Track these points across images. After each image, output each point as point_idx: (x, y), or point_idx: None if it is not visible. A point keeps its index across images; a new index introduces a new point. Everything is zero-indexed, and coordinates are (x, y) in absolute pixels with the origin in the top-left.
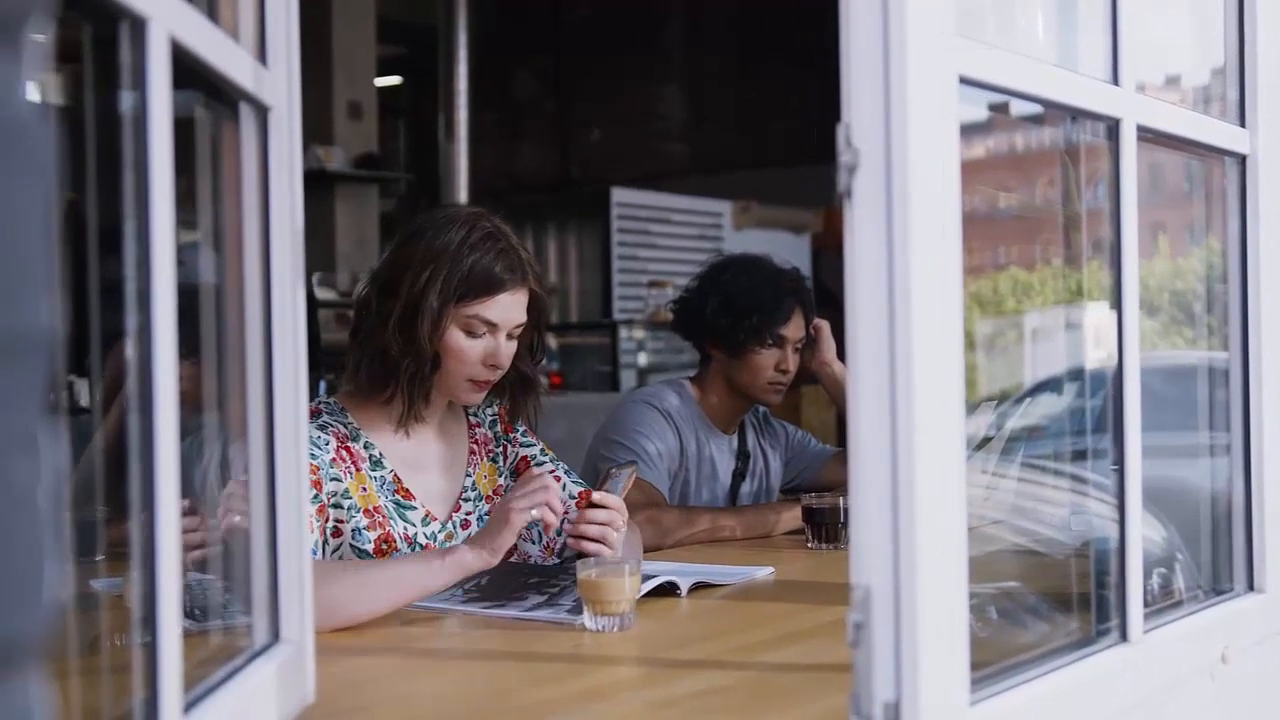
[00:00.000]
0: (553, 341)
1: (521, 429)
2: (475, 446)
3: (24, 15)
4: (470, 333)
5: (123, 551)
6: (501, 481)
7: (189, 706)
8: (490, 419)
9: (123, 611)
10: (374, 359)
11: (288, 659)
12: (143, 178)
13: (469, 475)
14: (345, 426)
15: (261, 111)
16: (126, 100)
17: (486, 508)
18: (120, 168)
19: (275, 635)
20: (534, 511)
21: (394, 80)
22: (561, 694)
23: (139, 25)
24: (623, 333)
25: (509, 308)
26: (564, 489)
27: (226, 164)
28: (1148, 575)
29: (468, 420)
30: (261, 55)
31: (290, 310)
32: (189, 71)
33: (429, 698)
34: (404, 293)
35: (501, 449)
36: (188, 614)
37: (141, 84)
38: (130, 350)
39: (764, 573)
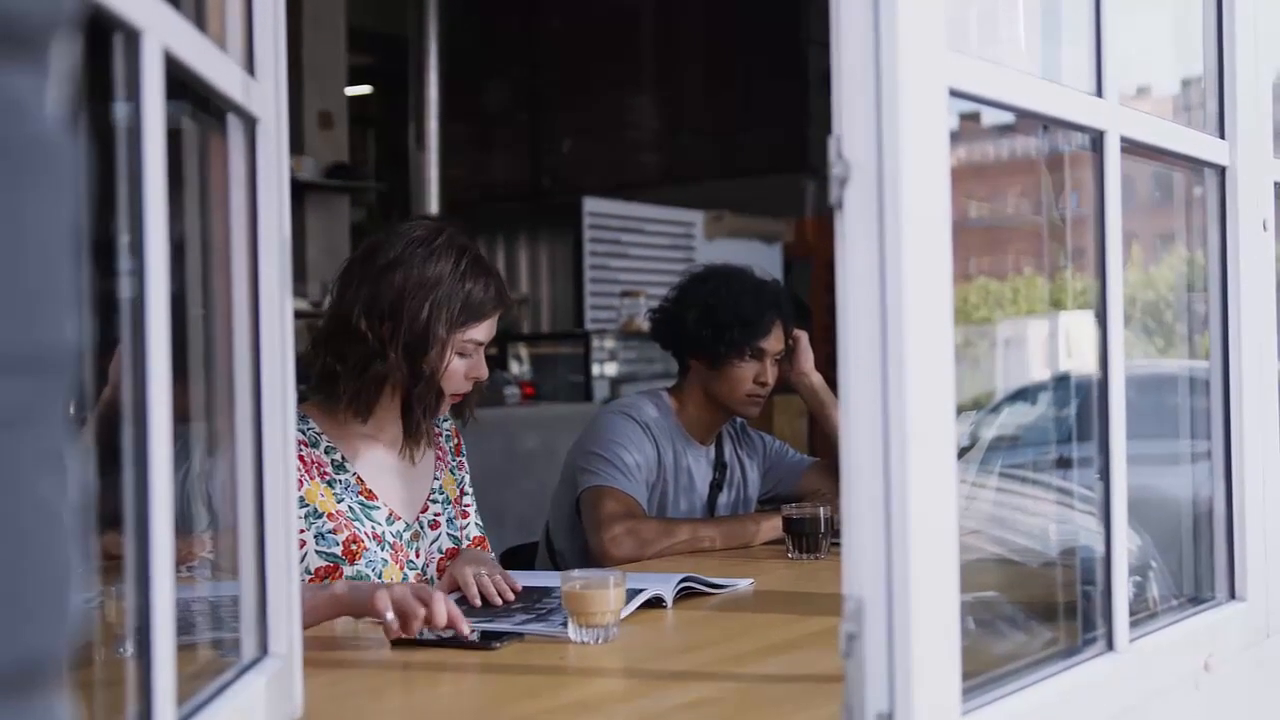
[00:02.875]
0: (524, 352)
1: (463, 455)
2: (440, 453)
3: (49, 31)
4: (462, 354)
5: (106, 565)
6: (457, 490)
7: None
8: (446, 433)
9: (104, 625)
10: (374, 385)
11: (276, 673)
12: (136, 188)
13: (436, 478)
14: (304, 433)
15: (250, 123)
16: (119, 111)
17: (453, 511)
18: (111, 178)
19: (264, 649)
20: (389, 616)
21: (365, 89)
22: (550, 707)
23: (133, 37)
24: (595, 343)
25: (493, 326)
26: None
27: (213, 174)
28: None
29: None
30: (250, 67)
31: (278, 322)
32: (177, 82)
33: (416, 711)
34: (405, 325)
35: (456, 463)
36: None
37: (135, 95)
38: (123, 362)
39: (745, 584)
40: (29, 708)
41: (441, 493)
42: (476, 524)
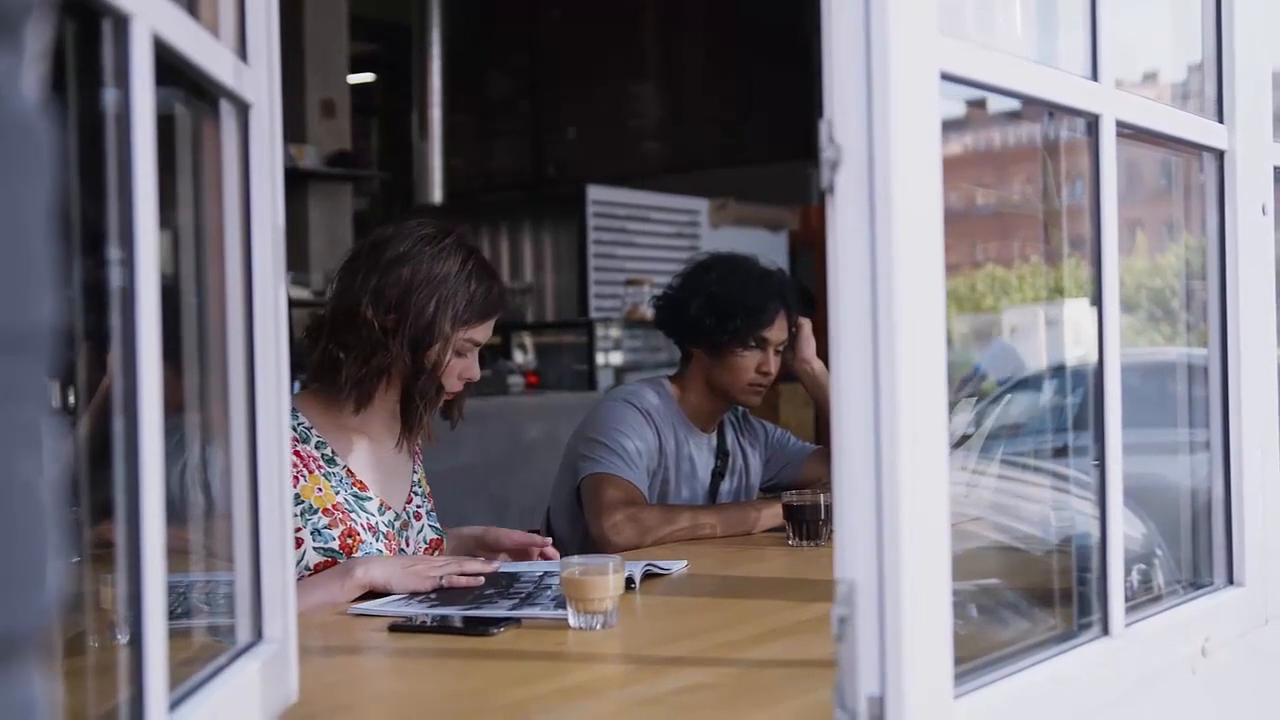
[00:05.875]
0: (528, 340)
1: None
2: (417, 450)
3: (24, 12)
4: (459, 353)
5: (100, 553)
6: (428, 486)
7: (174, 705)
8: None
9: (101, 612)
10: (375, 375)
11: (271, 658)
12: (126, 175)
13: (416, 472)
14: (294, 429)
15: (242, 109)
16: (108, 97)
17: (430, 505)
18: (101, 165)
19: (258, 634)
20: (443, 581)
21: (367, 77)
22: (546, 691)
23: (122, 22)
24: (599, 331)
25: (490, 329)
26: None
27: (206, 161)
28: (1128, 571)
29: None
30: (242, 52)
31: (272, 309)
32: (169, 68)
33: (412, 697)
34: (411, 318)
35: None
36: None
37: (124, 81)
38: (113, 351)
39: (679, 566)
40: (3, 682)
41: (420, 486)
42: (433, 526)
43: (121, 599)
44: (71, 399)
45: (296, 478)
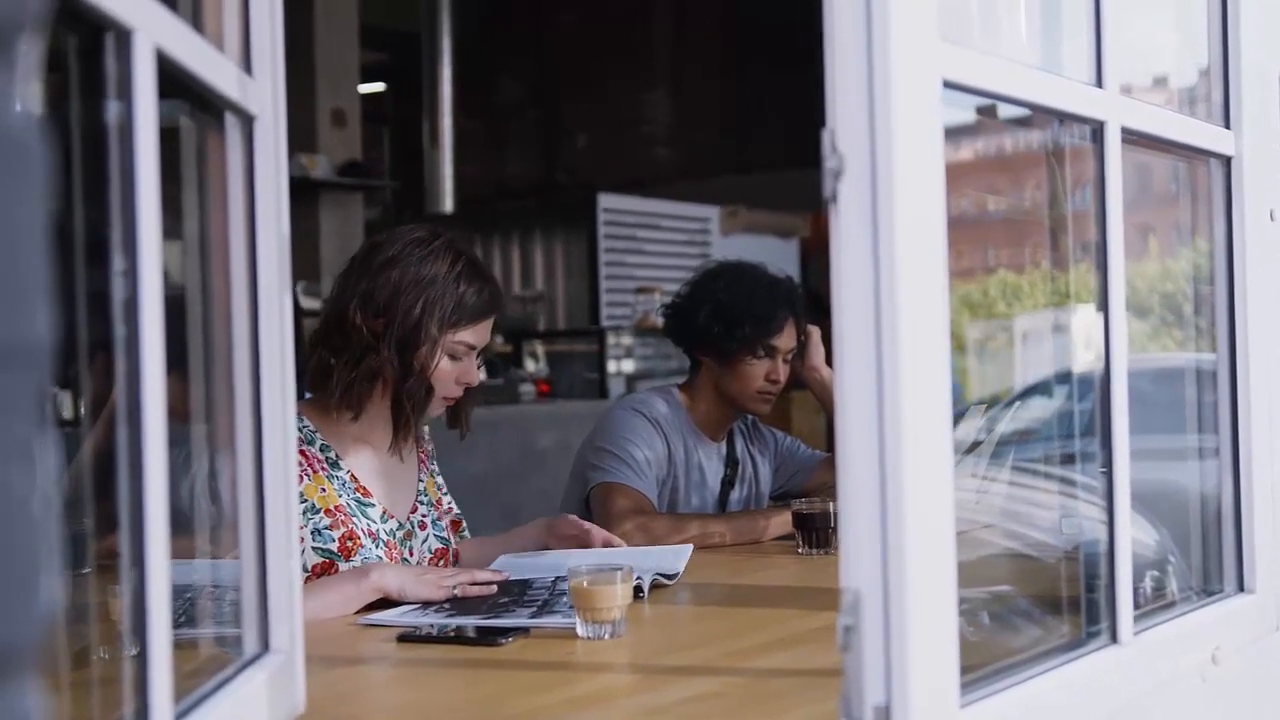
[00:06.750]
0: (540, 349)
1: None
2: (423, 457)
3: (18, 27)
4: (453, 356)
5: (109, 565)
6: (438, 493)
7: (179, 716)
8: (426, 436)
9: (110, 624)
10: (365, 379)
11: (278, 669)
12: (129, 187)
13: (420, 481)
14: (300, 431)
15: (247, 121)
16: (111, 110)
17: (436, 514)
18: (105, 177)
19: (265, 645)
20: (456, 590)
21: (378, 87)
22: (554, 701)
23: (124, 36)
24: (610, 339)
25: (488, 331)
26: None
27: (211, 173)
28: (1140, 578)
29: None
30: (246, 65)
31: (277, 320)
32: (173, 81)
33: (420, 707)
34: (399, 320)
35: (434, 469)
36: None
37: (127, 94)
38: (117, 362)
39: (685, 551)
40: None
41: (426, 495)
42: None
43: (127, 611)
44: (81, 410)
45: (300, 476)
